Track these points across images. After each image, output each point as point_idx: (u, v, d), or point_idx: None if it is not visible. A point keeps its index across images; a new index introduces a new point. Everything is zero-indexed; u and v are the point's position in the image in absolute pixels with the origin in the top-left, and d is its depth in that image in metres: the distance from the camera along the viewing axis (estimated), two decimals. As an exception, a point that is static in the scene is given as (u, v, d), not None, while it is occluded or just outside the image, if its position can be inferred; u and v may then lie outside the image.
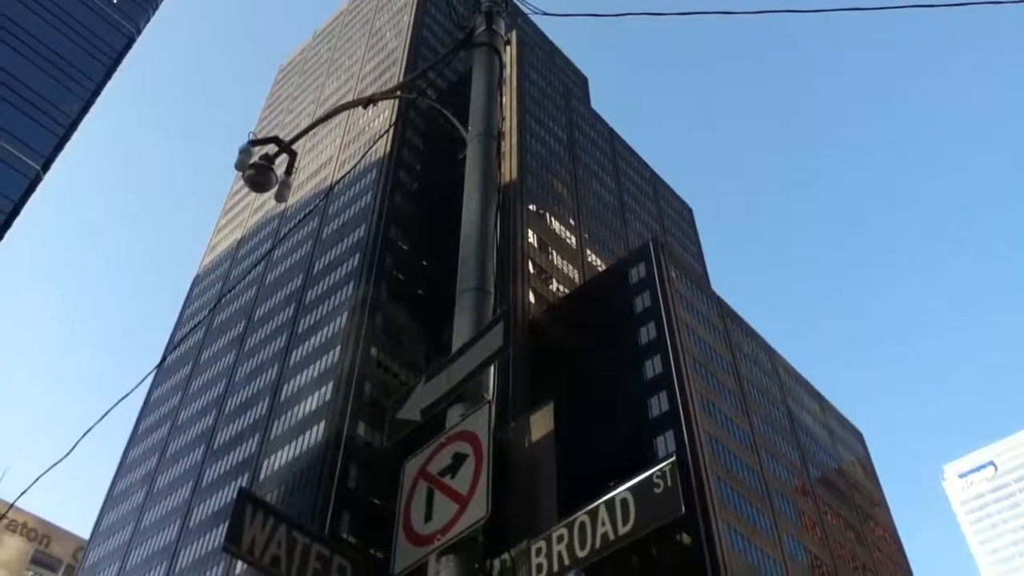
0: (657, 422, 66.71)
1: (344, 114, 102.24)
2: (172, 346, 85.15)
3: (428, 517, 4.79)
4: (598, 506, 4.46)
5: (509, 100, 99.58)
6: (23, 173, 63.15)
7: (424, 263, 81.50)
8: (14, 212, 62.54)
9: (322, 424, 63.75)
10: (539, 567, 4.47)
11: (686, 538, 59.22)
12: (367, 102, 8.52)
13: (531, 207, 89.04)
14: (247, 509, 3.91)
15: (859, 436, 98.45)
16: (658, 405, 68.37)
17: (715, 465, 64.33)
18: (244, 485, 60.63)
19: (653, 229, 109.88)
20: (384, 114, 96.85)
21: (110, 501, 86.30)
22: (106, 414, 8.57)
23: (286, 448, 65.68)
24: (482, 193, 6.32)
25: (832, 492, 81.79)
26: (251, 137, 8.38)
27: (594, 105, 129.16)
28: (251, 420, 73.17)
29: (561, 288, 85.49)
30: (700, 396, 69.01)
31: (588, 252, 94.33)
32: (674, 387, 67.76)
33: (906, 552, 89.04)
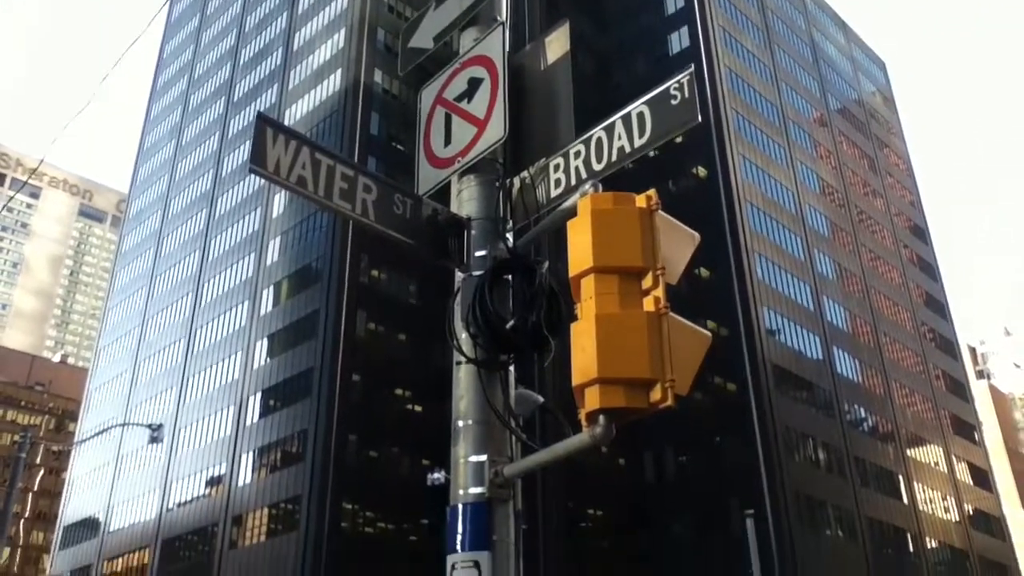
0: (677, 58, 65.16)
1: None
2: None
3: (447, 141, 4.89)
4: (614, 121, 4.51)
5: None
6: None
7: None
8: None
9: (339, 73, 62.88)
10: (557, 182, 4.64)
11: (702, 171, 60.63)
12: None
13: None
14: (267, 131, 3.96)
15: (882, 65, 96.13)
16: (678, 41, 66.40)
17: (734, 100, 63.83)
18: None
19: None
20: None
21: (142, 155, 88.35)
22: (119, 60, 8.48)
23: (306, 98, 65.50)
24: None
25: (850, 122, 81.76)
26: None
27: None
28: (267, 71, 72.17)
29: (578, -85, 78.95)
30: (722, 30, 66.58)
31: None
32: (695, 22, 65.22)
33: (916, 177, 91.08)
